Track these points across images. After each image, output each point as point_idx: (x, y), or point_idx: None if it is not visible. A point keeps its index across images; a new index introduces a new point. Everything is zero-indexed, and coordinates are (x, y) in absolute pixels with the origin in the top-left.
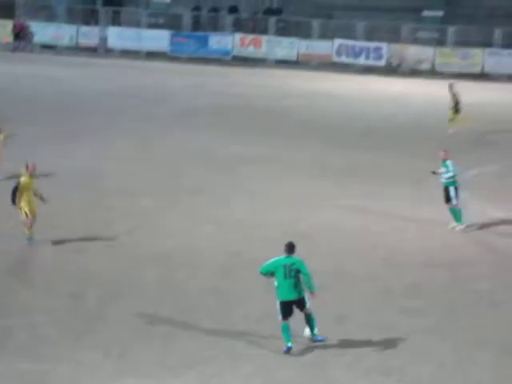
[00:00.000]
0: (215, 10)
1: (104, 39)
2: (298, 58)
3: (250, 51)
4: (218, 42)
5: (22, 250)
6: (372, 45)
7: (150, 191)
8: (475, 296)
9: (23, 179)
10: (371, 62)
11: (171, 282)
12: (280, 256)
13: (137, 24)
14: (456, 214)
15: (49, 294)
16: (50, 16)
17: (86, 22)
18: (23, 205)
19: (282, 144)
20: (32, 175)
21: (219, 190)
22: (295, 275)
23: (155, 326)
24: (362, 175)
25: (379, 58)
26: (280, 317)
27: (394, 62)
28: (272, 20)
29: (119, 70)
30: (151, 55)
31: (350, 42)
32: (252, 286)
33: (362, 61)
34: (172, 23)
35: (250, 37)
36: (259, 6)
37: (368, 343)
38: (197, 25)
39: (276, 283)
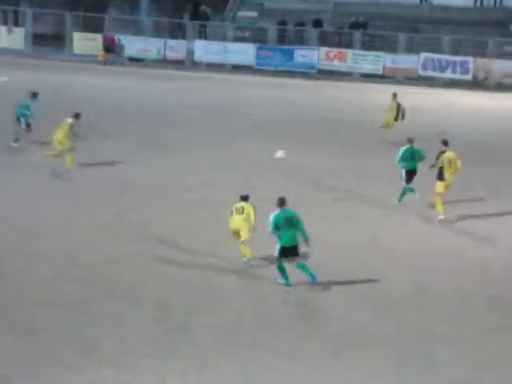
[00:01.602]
0: (301, 23)
1: (191, 52)
2: (383, 71)
3: (335, 65)
4: (304, 55)
5: (108, 261)
6: (458, 59)
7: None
8: None
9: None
10: (457, 76)
11: (254, 293)
12: (276, 211)
13: (223, 37)
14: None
15: (135, 304)
16: (138, 30)
17: (173, 36)
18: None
19: (366, 157)
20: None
21: (303, 202)
22: (295, 225)
23: (238, 337)
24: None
25: (465, 71)
26: (277, 256)
27: (480, 76)
28: (357, 34)
29: (205, 82)
30: (237, 68)
31: (436, 56)
32: (333, 298)
33: (447, 75)
34: (258, 37)
35: (335, 50)
36: (345, 19)
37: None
38: (282, 38)
39: (279, 233)
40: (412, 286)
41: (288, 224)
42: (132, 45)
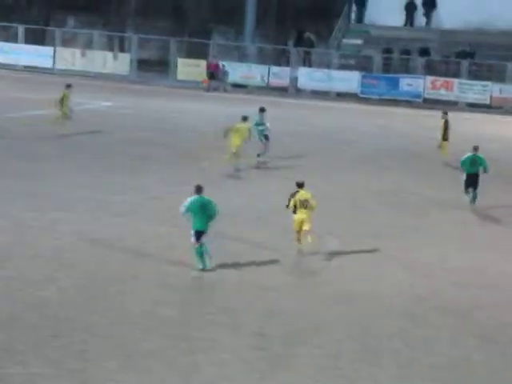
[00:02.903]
0: (406, 52)
1: (294, 79)
2: (490, 101)
3: (442, 94)
4: (409, 84)
5: (208, 285)
6: None
7: (336, 231)
8: None
9: None
10: None
11: (356, 323)
12: (194, 196)
13: (327, 65)
14: None
15: (234, 330)
16: (242, 56)
17: (277, 62)
18: None
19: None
20: None
21: (408, 233)
22: (207, 211)
23: (340, 366)
24: None
25: None
26: (193, 240)
27: None
28: (464, 63)
29: (309, 110)
30: (341, 96)
31: None
32: (438, 333)
33: None
34: (363, 64)
35: (441, 79)
36: (451, 48)
37: None
38: (387, 66)
39: (192, 217)
40: None
41: (202, 210)
42: (236, 71)
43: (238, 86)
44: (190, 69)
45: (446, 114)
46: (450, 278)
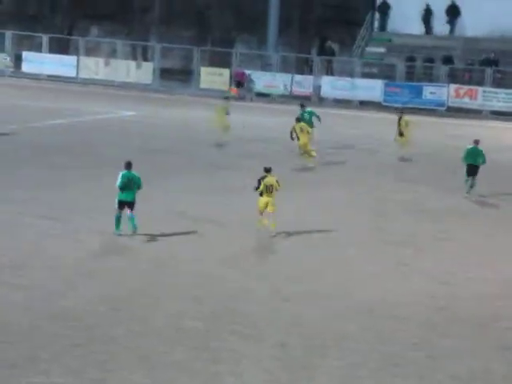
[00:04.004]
0: (430, 60)
1: (318, 88)
2: None
3: (465, 102)
4: (433, 92)
5: (232, 296)
6: None
7: (357, 240)
8: None
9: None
10: None
11: (377, 333)
12: (123, 171)
13: (350, 73)
14: None
15: (256, 342)
16: (265, 65)
17: (300, 71)
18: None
19: (496, 198)
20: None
21: (430, 242)
22: (133, 184)
23: (361, 377)
24: None
25: None
26: (116, 208)
27: None
28: (488, 71)
29: (332, 118)
30: (364, 104)
31: None
32: (459, 343)
33: None
34: (386, 73)
35: (465, 88)
36: (475, 56)
37: None
38: (410, 75)
39: (120, 188)
40: None
41: (129, 183)
42: (259, 80)
43: (260, 95)
44: (212, 77)
45: (401, 112)
46: (471, 288)
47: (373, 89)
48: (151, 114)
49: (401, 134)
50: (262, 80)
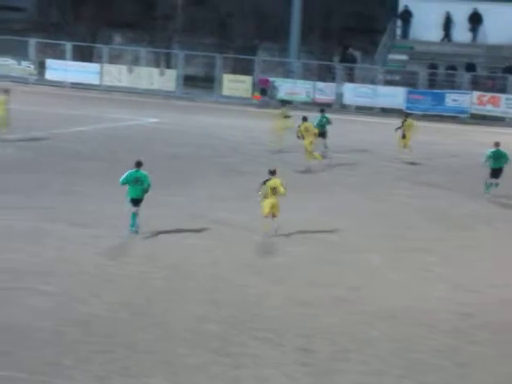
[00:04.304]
0: (452, 67)
1: (340, 95)
2: None
3: (488, 109)
4: (455, 99)
5: (251, 301)
6: None
7: (378, 246)
8: None
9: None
10: None
11: (401, 339)
12: (131, 170)
13: (372, 80)
14: None
15: (278, 346)
16: (287, 72)
17: (322, 78)
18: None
19: None
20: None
21: (454, 249)
22: (141, 183)
23: (384, 383)
24: None
25: None
26: (130, 206)
27: None
28: (511, 78)
29: (354, 125)
30: (386, 111)
31: None
32: (486, 350)
33: None
34: (408, 80)
35: (488, 95)
36: (498, 64)
37: None
38: (433, 82)
39: (129, 188)
40: None
41: (136, 182)
42: (281, 87)
43: (283, 102)
44: (235, 85)
45: (406, 116)
46: (497, 294)
47: (395, 96)
48: (174, 120)
49: (403, 137)
50: (284, 87)
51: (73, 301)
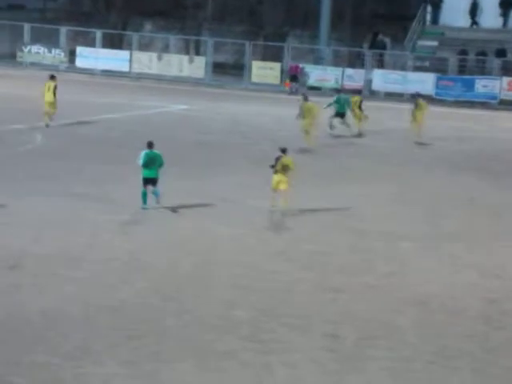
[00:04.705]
0: (482, 53)
1: (369, 81)
2: None
3: None
4: (485, 85)
5: (281, 288)
6: None
7: (409, 234)
8: None
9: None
10: None
11: (430, 325)
12: (145, 151)
13: (402, 67)
14: None
15: (306, 333)
16: (316, 59)
17: (352, 65)
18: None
19: None
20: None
21: (483, 236)
22: (156, 162)
23: (413, 370)
24: None
25: None
26: (142, 185)
27: None
28: None
29: (383, 112)
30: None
31: None
32: None
33: None
34: (438, 66)
35: None
36: None
37: None
38: (463, 68)
39: (143, 167)
40: None
41: (151, 161)
42: (311, 74)
43: (312, 89)
44: (264, 71)
45: (417, 97)
46: None
47: (425, 82)
48: (203, 107)
49: (414, 119)
50: (314, 74)
51: (104, 287)
